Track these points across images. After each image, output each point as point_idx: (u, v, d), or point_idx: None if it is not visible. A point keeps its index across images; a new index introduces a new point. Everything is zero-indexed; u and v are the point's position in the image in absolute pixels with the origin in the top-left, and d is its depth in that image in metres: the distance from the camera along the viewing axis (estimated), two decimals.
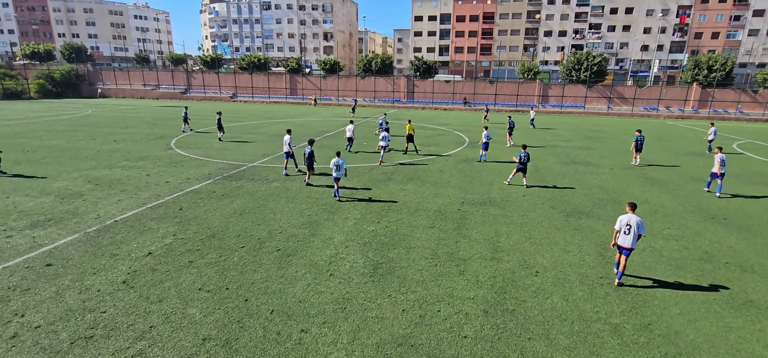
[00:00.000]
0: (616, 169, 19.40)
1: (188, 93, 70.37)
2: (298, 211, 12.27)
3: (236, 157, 19.69)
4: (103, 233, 10.50)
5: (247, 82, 69.37)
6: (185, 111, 28.60)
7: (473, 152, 22.66)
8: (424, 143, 25.51)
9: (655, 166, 20.22)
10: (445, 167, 18.66)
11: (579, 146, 25.93)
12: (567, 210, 12.92)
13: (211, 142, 24.14)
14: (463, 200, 13.73)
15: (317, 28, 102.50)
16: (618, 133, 34.00)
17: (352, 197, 13.66)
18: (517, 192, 14.82)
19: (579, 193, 14.92)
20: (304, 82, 68.11)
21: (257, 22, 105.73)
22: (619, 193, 15.13)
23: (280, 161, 18.96)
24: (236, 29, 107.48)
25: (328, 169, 16.88)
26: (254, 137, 26.42)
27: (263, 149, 22.13)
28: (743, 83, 73.51)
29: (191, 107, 50.98)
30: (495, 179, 16.76)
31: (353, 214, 12.10)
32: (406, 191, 14.54)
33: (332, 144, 24.33)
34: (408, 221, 11.60)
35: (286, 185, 15.05)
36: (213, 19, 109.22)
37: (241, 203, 12.89)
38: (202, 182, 15.10)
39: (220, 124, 24.88)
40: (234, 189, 14.33)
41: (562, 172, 18.32)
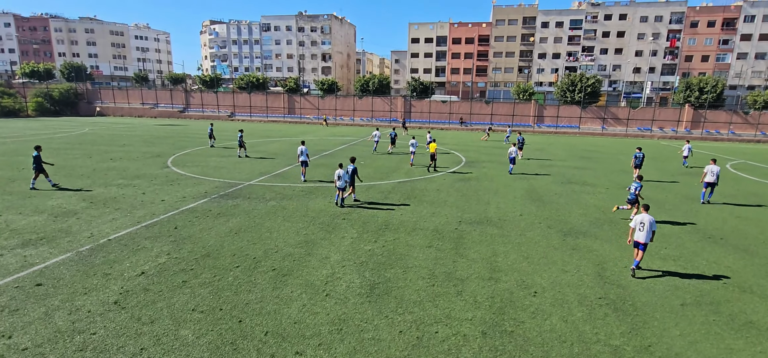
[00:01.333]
0: (612, 188, 19.42)
1: (186, 112, 70.56)
2: (294, 230, 12.14)
3: (233, 176, 19.60)
4: (96, 252, 10.32)
5: (246, 102, 69.71)
6: (211, 127, 30.88)
7: (470, 171, 22.69)
8: (422, 162, 25.53)
9: (651, 185, 20.28)
10: (442, 186, 18.63)
11: (575, 166, 26.03)
12: (564, 230, 12.86)
13: (207, 160, 24.09)
14: (460, 219, 13.65)
15: (316, 49, 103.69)
16: (613, 154, 34.19)
17: (348, 216, 13.56)
18: (513, 211, 14.77)
19: (576, 213, 14.88)
20: (302, 101, 68.54)
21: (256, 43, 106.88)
22: (615, 212, 15.09)
23: (277, 179, 18.94)
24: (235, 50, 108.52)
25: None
26: (250, 156, 26.35)
27: (260, 168, 22.05)
28: (734, 105, 74.58)
29: (188, 126, 51.03)
30: (492, 198, 16.72)
31: (350, 233, 11.99)
32: (404, 210, 14.46)
33: (328, 162, 24.31)
34: (405, 240, 11.49)
35: (283, 203, 14.94)
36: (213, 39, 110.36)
37: (236, 221, 12.75)
38: (198, 201, 14.97)
39: (241, 142, 25.65)
40: (230, 208, 14.20)
41: (559, 191, 18.32)
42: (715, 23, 78.86)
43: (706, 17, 79.29)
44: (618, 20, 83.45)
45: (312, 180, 19.16)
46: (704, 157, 32.58)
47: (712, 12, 79.20)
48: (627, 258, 10.86)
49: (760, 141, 51.37)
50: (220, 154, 26.97)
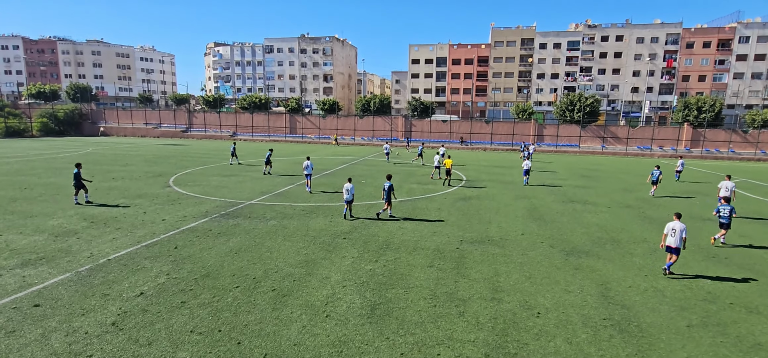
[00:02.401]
0: (613, 207, 19.33)
1: (189, 131, 71.01)
2: (295, 250, 12.05)
3: (234, 195, 19.61)
4: (96, 272, 10.22)
5: (248, 122, 70.22)
6: (234, 146, 32.97)
7: (470, 191, 22.65)
8: (421, 181, 25.53)
9: (654, 203, 20.17)
10: (443, 205, 18.58)
11: (576, 185, 26.01)
12: (567, 249, 12.74)
13: (209, 179, 24.15)
14: (461, 238, 13.55)
15: (317, 70, 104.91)
16: (614, 172, 34.17)
17: (349, 236, 13.47)
18: (515, 230, 14.66)
19: (578, 232, 14.77)
20: (303, 121, 69.00)
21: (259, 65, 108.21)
22: (617, 231, 14.98)
23: (278, 199, 18.94)
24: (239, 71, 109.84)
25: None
26: (252, 175, 26.41)
27: (262, 187, 22.07)
28: (733, 124, 74.84)
29: (191, 145, 51.29)
30: (493, 217, 16.63)
31: (350, 252, 11.89)
32: (405, 229, 14.38)
33: (329, 182, 24.32)
34: (406, 260, 11.38)
35: (283, 223, 14.88)
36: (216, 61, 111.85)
37: (237, 241, 12.67)
38: (199, 220, 14.92)
39: (269, 159, 27.08)
40: (230, 227, 14.13)
41: (561, 210, 18.26)
42: (711, 44, 79.78)
43: (702, 38, 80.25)
44: (615, 41, 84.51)
45: (314, 196, 19.17)
46: (703, 175, 32.52)
47: (708, 33, 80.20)
48: (631, 277, 10.72)
49: (761, 159, 51.34)
50: (222, 173, 27.04)
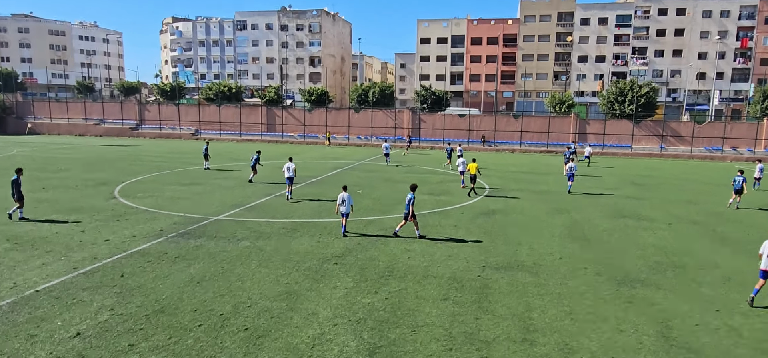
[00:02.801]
0: (675, 223, 19.28)
1: (140, 129, 71.20)
2: (273, 278, 12.02)
3: (197, 209, 19.61)
4: (20, 307, 10.19)
5: (214, 116, 70.43)
6: (206, 147, 33.31)
7: (494, 203, 22.62)
8: (433, 191, 25.54)
9: (729, 218, 20.13)
10: (460, 222, 18.52)
11: (627, 195, 26.00)
12: (617, 277, 12.69)
13: (164, 189, 24.19)
14: (484, 263, 13.52)
15: (302, 52, 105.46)
16: (675, 179, 34.13)
17: (342, 260, 13.43)
18: (551, 253, 14.63)
19: (631, 255, 14.73)
20: (284, 115, 69.21)
21: (229, 45, 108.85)
22: (681, 254, 14.93)
23: (252, 213, 18.95)
24: (203, 53, 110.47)
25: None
26: (220, 184, 26.49)
27: (232, 199, 22.09)
28: None
29: (143, 146, 51.43)
30: (523, 236, 16.60)
31: (344, 281, 11.85)
32: (412, 252, 14.35)
33: (316, 192, 24.32)
34: (414, 291, 11.34)
35: (258, 244, 14.86)
36: (175, 40, 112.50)
37: (200, 267, 12.65)
38: (152, 241, 14.92)
39: (256, 164, 27.33)
40: (192, 250, 14.13)
41: (609, 228, 18.21)
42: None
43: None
44: (675, 16, 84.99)
45: (298, 210, 19.18)
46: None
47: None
48: (698, 313, 10.66)
49: None
50: (182, 180, 27.08)
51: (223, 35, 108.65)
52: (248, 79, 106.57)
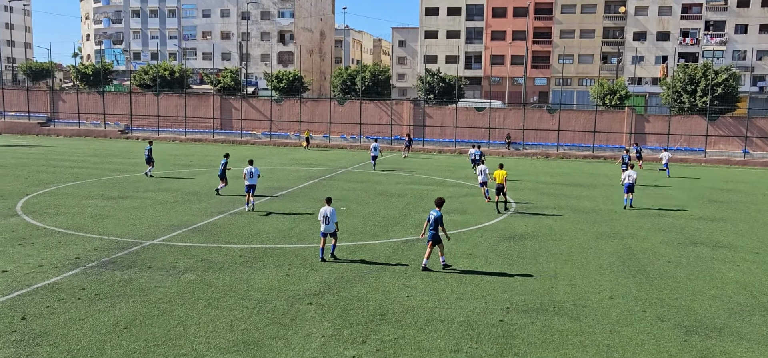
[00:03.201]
0: (764, 253, 19.27)
1: (52, 124, 70.96)
2: (226, 322, 11.89)
3: (126, 231, 19.46)
4: None
5: (151, 108, 70.32)
6: (150, 148, 33.63)
7: (522, 224, 22.57)
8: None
9: None
10: (477, 248, 18.47)
11: (701, 216, 26.03)
12: (686, 324, 12.65)
13: (83, 204, 24.05)
14: (508, 303, 13.46)
15: (269, 25, 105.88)
16: (765, 194, 34.21)
17: (318, 299, 13.32)
18: (599, 291, 14.57)
19: (705, 294, 14.71)
20: (245, 108, 69.16)
21: (172, 16, 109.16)
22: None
23: (198, 236, 18.85)
24: (137, 25, 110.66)
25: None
26: (158, 197, 26.34)
27: (172, 217, 21.98)
28: None
29: (55, 147, 51.17)
30: (561, 268, 16.55)
31: (321, 327, 11.75)
32: (412, 288, 14.28)
33: (286, 208, 24.21)
34: (414, 341, 11.25)
35: (207, 277, 14.74)
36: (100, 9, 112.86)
37: (128, 308, 12.53)
38: (65, 273, 14.79)
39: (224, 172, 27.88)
40: (118, 285, 14.00)
41: (675, 258, 18.20)
42: None
43: None
44: None
45: (260, 234, 19.06)
46: None
47: None
48: None
49: None
50: (106, 192, 26.97)
51: (164, 3, 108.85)
52: (197, 61, 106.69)
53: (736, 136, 60.06)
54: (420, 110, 65.95)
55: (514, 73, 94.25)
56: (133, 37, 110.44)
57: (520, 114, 64.20)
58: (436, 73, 70.90)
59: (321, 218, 16.40)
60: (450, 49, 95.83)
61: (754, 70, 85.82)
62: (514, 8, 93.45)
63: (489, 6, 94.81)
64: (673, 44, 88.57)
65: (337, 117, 67.12)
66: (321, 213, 16.46)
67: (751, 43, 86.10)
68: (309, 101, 69.74)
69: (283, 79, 73.22)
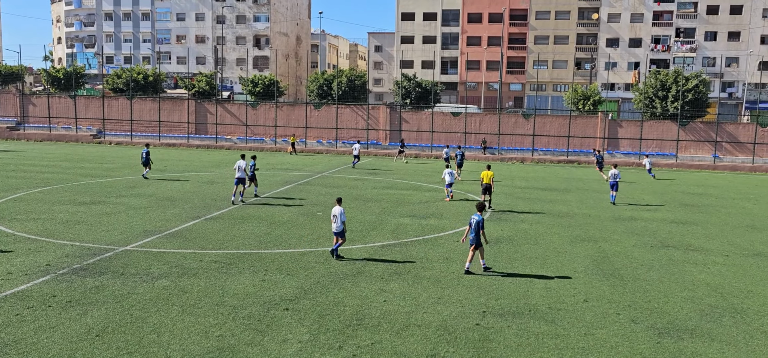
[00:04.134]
0: (734, 256, 19.64)
1: (22, 128, 69.95)
2: (200, 329, 11.78)
3: (98, 237, 19.24)
4: None
5: (124, 112, 69.66)
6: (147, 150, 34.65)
7: (499, 228, 22.72)
8: (419, 213, 25.59)
9: None
10: (453, 253, 18.53)
11: (672, 219, 26.43)
12: (659, 326, 12.81)
13: (55, 209, 23.76)
14: (484, 308, 13.53)
15: (244, 29, 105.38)
16: (734, 198, 34.87)
17: (294, 304, 13.26)
18: (574, 294, 14.71)
19: (677, 296, 14.93)
20: (220, 112, 68.75)
21: (146, 19, 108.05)
22: (742, 296, 15.18)
23: (173, 242, 18.71)
24: (110, 28, 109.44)
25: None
26: (131, 203, 26.10)
27: (146, 222, 21.77)
28: None
29: (25, 152, 50.38)
30: (538, 271, 16.71)
31: (297, 332, 11.70)
32: (389, 293, 14.29)
33: (261, 214, 24.09)
34: (391, 346, 11.25)
35: (182, 283, 14.59)
36: (72, 12, 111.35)
37: (100, 315, 12.36)
38: (35, 280, 14.58)
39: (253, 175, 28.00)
40: (90, 292, 13.82)
41: (648, 261, 18.44)
42: None
43: None
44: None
45: (235, 239, 18.95)
46: None
47: None
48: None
49: None
50: (78, 198, 26.65)
51: (137, 6, 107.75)
52: (171, 65, 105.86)
53: (707, 141, 61.23)
54: (396, 115, 66.18)
55: (489, 79, 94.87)
56: (105, 40, 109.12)
57: (496, 119, 64.72)
58: (413, 78, 71.15)
59: (331, 218, 17.32)
60: (426, 54, 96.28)
61: (723, 76, 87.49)
62: (489, 14, 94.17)
63: (464, 12, 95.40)
64: (645, 51, 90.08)
65: (313, 122, 67.08)
66: (331, 213, 17.39)
67: (720, 50, 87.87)
68: (285, 106, 69.55)
69: (259, 83, 73.05)
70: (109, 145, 63.69)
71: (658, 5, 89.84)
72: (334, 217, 17.09)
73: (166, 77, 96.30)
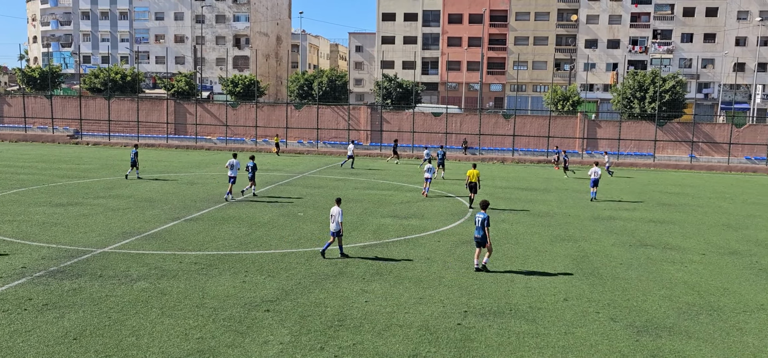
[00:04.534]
0: (710, 254, 19.91)
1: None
2: (180, 331, 11.70)
3: (75, 239, 19.04)
4: None
5: (102, 112, 68.89)
6: (135, 151, 34.66)
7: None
8: (400, 214, 25.63)
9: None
10: (434, 253, 18.57)
11: (650, 219, 26.72)
12: (637, 324, 12.96)
13: (31, 211, 23.43)
14: (465, 307, 13.58)
15: (224, 29, 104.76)
16: (710, 197, 35.36)
17: (276, 305, 13.22)
18: (554, 293, 14.82)
19: (655, 295, 15.10)
20: (199, 113, 68.23)
21: (124, 18, 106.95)
22: (718, 293, 15.41)
23: (152, 244, 18.58)
24: (87, 27, 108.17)
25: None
26: (108, 204, 25.87)
27: (124, 224, 21.58)
28: None
29: (1, 151, 49.56)
30: (518, 271, 16.80)
31: (278, 334, 11.66)
32: (370, 294, 14.29)
33: (241, 215, 23.98)
34: (373, 346, 11.26)
35: (161, 285, 14.47)
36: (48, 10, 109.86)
37: (78, 318, 12.23)
38: (10, 283, 14.38)
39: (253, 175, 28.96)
40: (67, 294, 13.66)
41: (627, 260, 18.64)
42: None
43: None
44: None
45: (216, 240, 18.86)
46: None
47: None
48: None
49: None
50: (54, 199, 26.38)
51: (115, 5, 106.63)
52: (150, 64, 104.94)
53: (684, 141, 61.99)
54: (377, 115, 66.16)
55: (470, 79, 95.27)
56: (82, 39, 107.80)
57: (477, 119, 64.96)
58: (394, 78, 71.30)
59: (330, 217, 17.47)
60: (407, 54, 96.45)
61: (699, 77, 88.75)
62: (469, 15, 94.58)
63: (445, 13, 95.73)
64: (623, 52, 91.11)
65: (293, 122, 66.81)
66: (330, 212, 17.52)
67: (696, 51, 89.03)
68: (265, 106, 69.23)
69: (239, 83, 72.77)
70: (87, 145, 62.89)
71: (635, 7, 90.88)
72: (332, 216, 17.18)
73: (144, 77, 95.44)
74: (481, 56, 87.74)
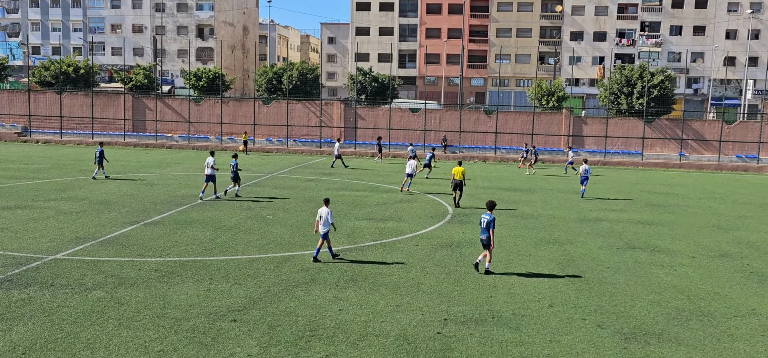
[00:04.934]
0: (700, 257, 20.20)
1: None
2: (139, 344, 11.56)
3: (24, 245, 18.78)
4: None
5: (53, 108, 67.91)
6: (100, 150, 34.50)
7: (460, 231, 22.89)
8: (376, 216, 25.62)
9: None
10: (412, 258, 18.58)
11: (638, 220, 27.03)
12: (625, 331, 13.09)
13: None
14: (445, 315, 13.60)
15: (186, 18, 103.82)
16: (700, 197, 35.92)
17: (243, 314, 13.13)
18: (538, 299, 14.91)
19: (643, 299, 15.27)
20: (159, 108, 67.55)
21: (77, 6, 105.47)
22: (709, 298, 15.64)
23: (108, 250, 18.38)
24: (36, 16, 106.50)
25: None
26: (60, 207, 25.51)
27: (77, 229, 21.31)
28: None
29: None
30: (500, 277, 16.86)
31: (245, 346, 11.58)
32: (344, 302, 14.26)
33: (208, 215, 23.79)
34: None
35: (118, 294, 14.30)
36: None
37: (27, 331, 12.04)
38: None
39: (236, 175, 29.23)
40: (15, 305, 13.45)
41: (614, 264, 18.81)
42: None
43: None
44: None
45: (179, 245, 18.69)
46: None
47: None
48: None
49: None
50: (1, 202, 25.98)
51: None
52: (106, 56, 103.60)
53: (672, 139, 62.82)
54: (351, 111, 66.07)
55: (449, 73, 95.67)
56: (31, 28, 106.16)
57: (457, 115, 65.22)
58: (369, 72, 71.25)
59: (317, 218, 17.67)
60: (383, 46, 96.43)
61: (688, 71, 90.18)
62: (449, 5, 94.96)
63: (423, 2, 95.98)
64: (610, 45, 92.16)
65: (262, 119, 66.45)
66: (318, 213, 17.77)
67: (685, 45, 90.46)
68: (231, 101, 68.77)
69: (203, 77, 72.21)
70: (36, 144, 61.91)
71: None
72: (321, 217, 17.46)
73: (99, 70, 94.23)
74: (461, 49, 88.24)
